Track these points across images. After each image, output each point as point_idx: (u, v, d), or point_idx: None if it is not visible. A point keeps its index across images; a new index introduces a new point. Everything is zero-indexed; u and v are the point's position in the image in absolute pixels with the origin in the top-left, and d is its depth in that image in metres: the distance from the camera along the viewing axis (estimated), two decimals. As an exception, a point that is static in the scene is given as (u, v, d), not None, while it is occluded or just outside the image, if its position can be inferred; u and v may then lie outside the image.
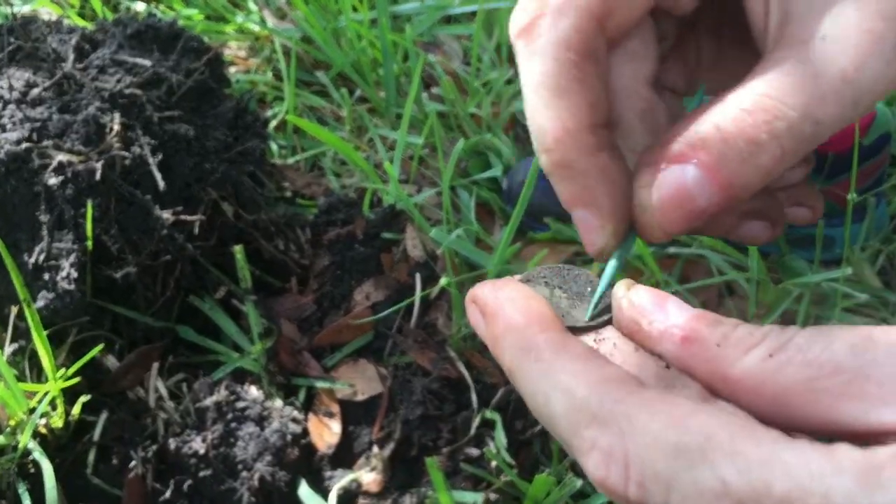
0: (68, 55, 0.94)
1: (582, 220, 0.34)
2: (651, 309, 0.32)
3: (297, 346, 0.94)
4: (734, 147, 0.31)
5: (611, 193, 0.33)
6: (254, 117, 1.03)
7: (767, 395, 0.28)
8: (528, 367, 0.30)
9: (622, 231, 0.34)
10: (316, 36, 1.22)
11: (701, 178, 0.31)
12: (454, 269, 0.97)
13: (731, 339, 0.29)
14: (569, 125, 0.33)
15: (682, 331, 0.31)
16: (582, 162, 0.33)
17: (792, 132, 0.31)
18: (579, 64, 0.33)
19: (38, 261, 0.83)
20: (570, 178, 0.33)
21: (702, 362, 0.30)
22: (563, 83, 0.33)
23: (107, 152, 0.86)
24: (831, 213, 0.98)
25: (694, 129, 0.32)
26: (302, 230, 1.04)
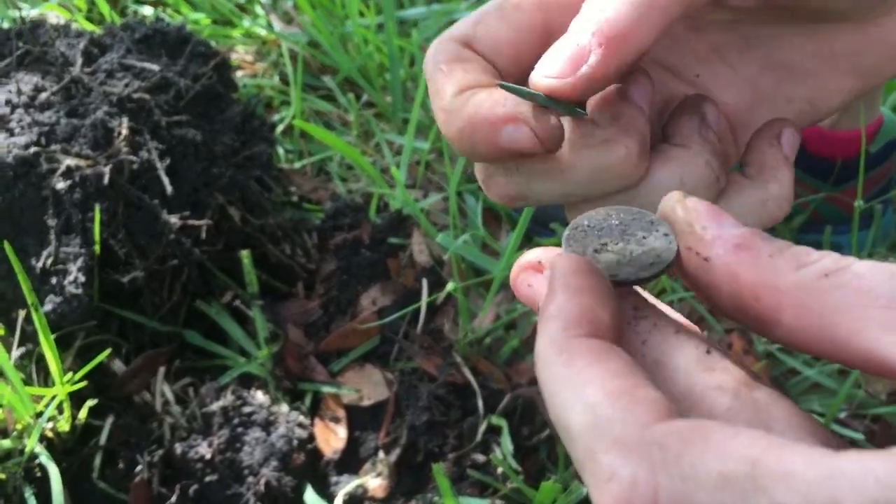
0: (76, 59, 0.94)
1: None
2: (707, 215, 0.31)
3: (304, 350, 0.94)
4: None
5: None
6: (261, 122, 1.03)
7: (815, 312, 0.27)
8: (555, 370, 0.28)
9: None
10: (323, 40, 1.22)
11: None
12: (461, 274, 0.97)
13: (785, 254, 0.29)
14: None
15: (737, 238, 0.30)
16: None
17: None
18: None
19: (45, 265, 0.83)
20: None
21: (751, 269, 0.29)
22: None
23: (115, 157, 0.86)
24: (839, 221, 0.97)
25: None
26: (308, 235, 1.04)
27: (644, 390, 0.27)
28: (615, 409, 0.26)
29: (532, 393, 0.89)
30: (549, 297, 0.30)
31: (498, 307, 0.96)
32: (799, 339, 0.28)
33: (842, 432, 0.81)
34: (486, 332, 0.92)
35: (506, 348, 0.92)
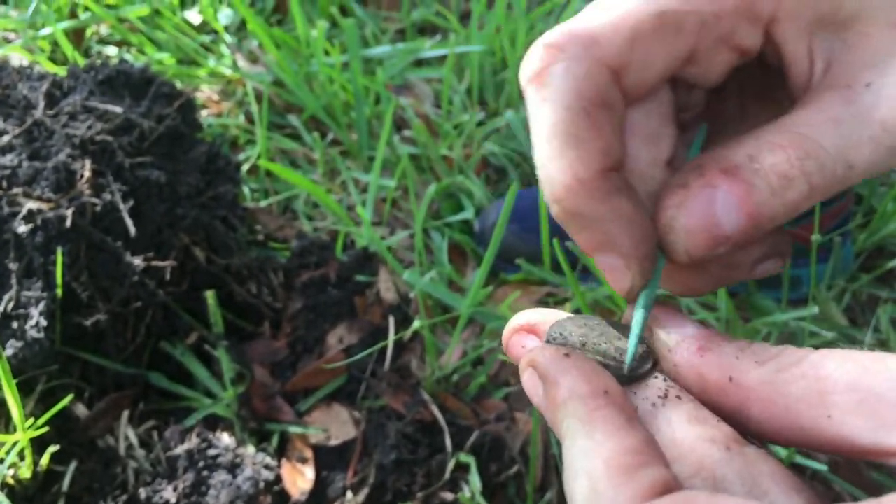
0: (39, 102, 0.94)
1: (605, 265, 0.33)
2: (667, 321, 0.33)
3: (270, 391, 0.94)
4: (765, 179, 0.31)
5: (629, 234, 0.33)
6: (226, 162, 1.03)
7: (780, 406, 0.29)
8: (578, 440, 0.29)
9: (647, 269, 0.33)
10: (288, 80, 1.23)
11: (729, 204, 0.31)
12: (427, 311, 0.98)
13: (746, 352, 0.31)
14: (580, 174, 0.32)
15: (700, 341, 0.32)
16: (596, 209, 0.32)
17: (823, 172, 0.31)
18: (592, 112, 0.32)
19: (6, 309, 0.82)
20: (585, 225, 0.33)
21: (716, 369, 0.31)
22: (573, 131, 0.32)
23: (77, 199, 0.86)
24: (798, 254, 0.99)
25: (726, 156, 0.32)
26: (275, 273, 1.04)
27: (645, 470, 0.28)
28: (610, 486, 0.27)
29: (500, 429, 0.89)
30: (552, 386, 0.31)
31: (465, 344, 0.96)
32: (769, 431, 0.29)
33: (804, 463, 0.82)
34: (453, 368, 0.92)
35: (473, 385, 0.92)
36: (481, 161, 1.20)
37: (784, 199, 0.31)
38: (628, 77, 0.33)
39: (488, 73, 1.31)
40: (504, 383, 0.94)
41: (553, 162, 0.32)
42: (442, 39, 1.41)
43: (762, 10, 0.34)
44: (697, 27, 0.34)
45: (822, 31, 0.34)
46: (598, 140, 0.32)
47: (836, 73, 0.33)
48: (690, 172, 0.33)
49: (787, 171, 0.31)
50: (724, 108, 0.40)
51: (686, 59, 0.35)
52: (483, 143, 1.22)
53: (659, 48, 0.33)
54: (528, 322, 0.36)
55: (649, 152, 0.36)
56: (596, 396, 0.30)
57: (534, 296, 1.03)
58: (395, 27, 1.47)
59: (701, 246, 0.32)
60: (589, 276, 1.02)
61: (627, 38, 0.33)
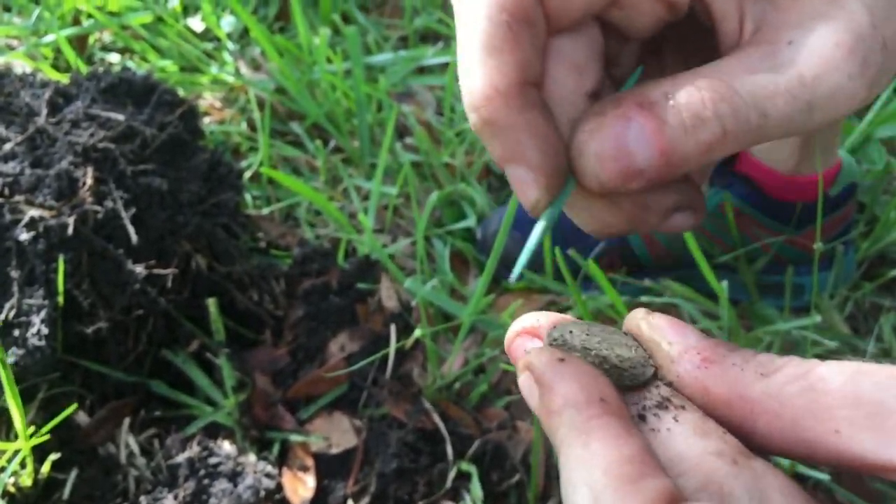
0: (41, 109, 0.94)
1: (514, 176, 0.34)
2: (670, 331, 0.33)
3: (272, 399, 0.93)
4: (678, 116, 0.31)
5: (540, 147, 0.33)
6: (228, 169, 1.03)
7: (786, 419, 0.29)
8: (574, 452, 0.29)
9: (554, 185, 0.34)
10: (290, 87, 1.23)
11: (642, 137, 0.32)
12: (429, 319, 0.97)
13: (751, 363, 0.30)
14: (497, 83, 0.32)
15: (703, 352, 0.32)
16: (510, 119, 0.33)
17: (737, 117, 0.32)
18: (512, 26, 0.33)
19: (8, 317, 0.82)
20: (499, 134, 0.33)
21: (720, 381, 0.31)
22: (494, 42, 0.33)
23: (79, 206, 0.86)
24: (800, 261, 0.99)
25: (644, 91, 0.32)
26: (276, 281, 1.04)
27: (647, 481, 0.27)
28: (615, 497, 0.27)
29: (501, 438, 0.89)
30: (547, 392, 0.31)
31: (466, 352, 0.96)
32: (774, 445, 0.29)
33: (807, 473, 0.82)
34: (454, 377, 0.92)
35: (475, 393, 0.92)
36: (483, 169, 1.20)
37: (697, 139, 0.32)
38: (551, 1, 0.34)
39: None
40: (505, 392, 0.94)
41: (473, 71, 0.33)
42: (444, 47, 1.41)
43: None
44: None
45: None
46: (517, 53, 0.33)
47: (762, 32, 0.34)
48: (608, 103, 0.33)
49: (700, 111, 0.31)
50: (661, 67, 0.41)
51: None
52: (485, 150, 1.22)
53: None
54: (532, 325, 0.36)
55: (573, 81, 0.37)
56: (591, 404, 0.30)
57: (536, 304, 1.02)
58: (397, 34, 1.47)
59: (610, 174, 0.32)
60: (591, 285, 1.01)
61: None
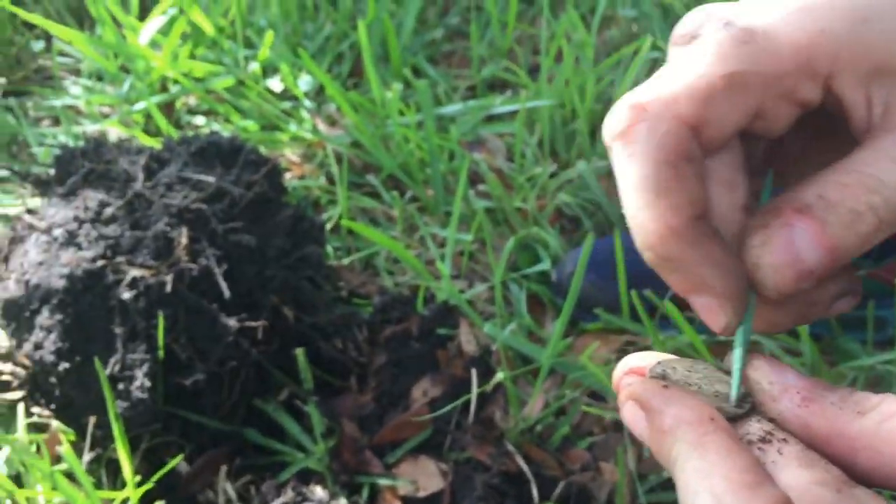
0: (138, 175, 1.00)
1: (700, 304, 0.36)
2: (771, 371, 0.35)
3: (359, 444, 0.96)
4: (836, 214, 0.34)
5: (720, 276, 0.35)
6: (311, 223, 1.08)
7: (885, 454, 0.31)
8: (692, 464, 0.31)
9: (740, 306, 0.36)
10: (365, 141, 1.28)
11: (809, 240, 0.34)
12: (508, 362, 0.99)
13: (848, 401, 0.33)
14: (670, 222, 0.34)
15: (802, 391, 0.34)
16: (687, 253, 0.35)
17: (888, 206, 0.34)
18: (677, 165, 0.35)
19: (113, 371, 0.87)
20: (679, 269, 0.35)
21: (820, 419, 0.33)
22: (663, 183, 0.35)
23: (176, 265, 0.91)
24: (882, 294, 0.98)
25: (798, 197, 0.35)
26: (359, 329, 1.07)
27: (766, 488, 0.30)
28: (736, 499, 0.29)
29: (585, 479, 0.90)
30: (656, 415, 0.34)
31: (546, 394, 0.98)
32: (875, 478, 0.31)
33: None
34: (536, 419, 0.94)
35: (556, 435, 0.93)
36: (555, 212, 1.23)
37: (857, 232, 0.34)
38: (705, 132, 0.36)
39: (559, 126, 1.34)
40: (588, 433, 0.95)
41: (644, 212, 0.35)
42: (512, 94, 1.44)
43: (820, 68, 0.36)
44: (762, 86, 0.36)
45: (879, 78, 0.36)
46: (684, 190, 0.35)
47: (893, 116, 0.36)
48: (768, 213, 0.36)
49: (854, 207, 0.34)
50: (788, 151, 0.42)
51: (754, 114, 0.37)
52: (556, 194, 1.24)
53: (729, 106, 0.36)
54: (637, 365, 0.38)
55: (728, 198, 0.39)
56: (703, 422, 0.32)
57: (613, 345, 1.04)
58: (465, 84, 1.52)
59: (788, 281, 0.35)
60: (668, 325, 1.02)
61: (702, 97, 0.36)
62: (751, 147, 0.41)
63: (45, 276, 0.91)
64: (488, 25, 1.62)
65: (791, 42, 0.36)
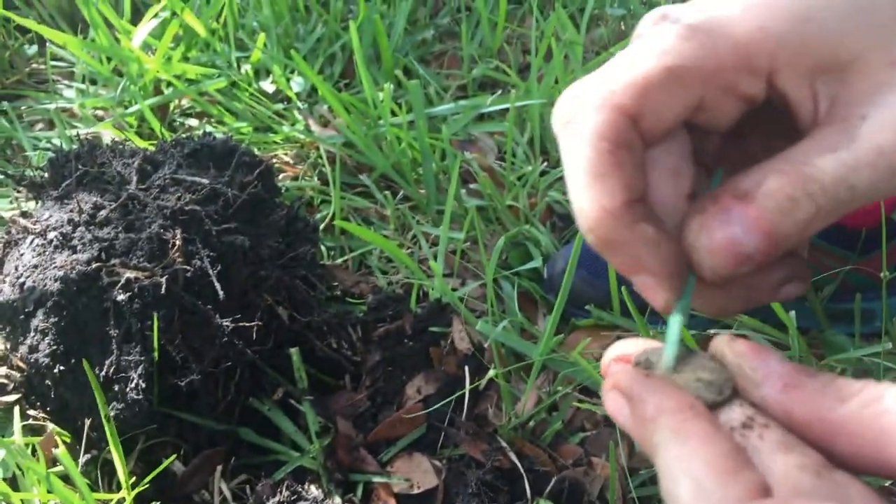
0: (132, 177, 1.01)
1: (640, 283, 0.38)
2: (753, 357, 0.36)
3: (354, 442, 0.97)
4: (774, 201, 0.34)
5: (657, 255, 0.37)
6: (304, 223, 1.08)
7: (866, 439, 0.31)
8: (672, 449, 0.32)
9: (677, 285, 0.37)
10: (358, 141, 1.29)
11: (745, 224, 0.35)
12: (501, 359, 1.00)
13: (830, 388, 0.33)
14: (606, 205, 0.36)
15: (784, 377, 0.34)
16: (624, 235, 0.36)
17: (826, 194, 0.35)
18: (614, 151, 0.36)
19: (108, 373, 0.88)
20: (617, 250, 0.37)
21: (801, 405, 0.33)
22: (599, 168, 0.36)
23: (170, 267, 0.92)
24: (869, 287, 0.99)
25: (737, 184, 0.36)
26: (353, 328, 1.08)
27: (746, 473, 0.31)
28: (717, 484, 0.30)
29: (578, 474, 0.90)
30: (638, 404, 0.35)
31: (539, 390, 0.99)
32: (854, 464, 0.32)
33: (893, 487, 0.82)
34: (529, 415, 0.95)
35: (549, 431, 0.94)
36: (546, 210, 1.24)
37: (795, 219, 0.35)
38: (644, 122, 0.38)
39: (549, 124, 1.34)
40: (580, 428, 0.96)
41: (583, 195, 0.37)
42: (502, 94, 1.45)
43: (760, 64, 0.38)
44: (701, 80, 0.38)
45: (823, 74, 0.37)
46: (620, 175, 0.36)
47: (836, 109, 0.37)
48: (707, 199, 0.37)
49: (792, 194, 0.34)
50: (742, 147, 0.44)
51: (695, 107, 0.39)
52: (547, 192, 1.25)
53: (668, 98, 0.38)
54: (624, 352, 0.39)
55: (672, 186, 0.41)
56: (683, 410, 0.33)
57: (605, 340, 1.05)
58: (456, 83, 1.52)
59: (725, 264, 0.36)
60: (659, 320, 1.03)
61: (640, 88, 0.37)
62: (702, 140, 0.42)
63: (39, 278, 0.91)
64: (478, 25, 1.63)
65: (731, 38, 0.37)
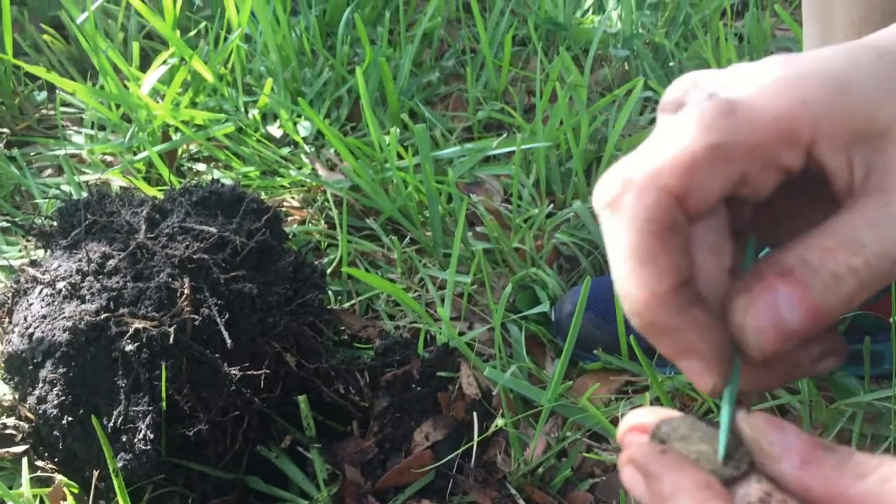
0: (140, 226, 1.02)
1: (687, 368, 0.37)
2: (770, 431, 0.35)
3: (362, 490, 0.97)
4: (817, 278, 0.35)
5: (706, 339, 0.36)
6: (312, 269, 1.09)
7: None
8: None
9: (725, 368, 0.37)
10: (364, 185, 1.30)
11: (791, 302, 0.35)
12: (509, 403, 1.00)
13: (848, 463, 0.33)
14: (656, 290, 0.36)
15: (802, 453, 0.34)
16: (673, 320, 0.36)
17: (869, 268, 0.35)
18: (661, 234, 0.36)
19: (116, 423, 0.88)
20: (665, 335, 0.37)
21: (820, 482, 0.33)
22: (647, 252, 0.36)
23: (178, 316, 0.92)
24: (878, 329, 0.99)
25: (780, 261, 0.36)
26: (360, 374, 1.08)
27: None
28: None
29: (587, 522, 0.90)
30: (655, 481, 0.35)
31: (548, 436, 0.98)
32: None
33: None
34: (538, 462, 0.94)
35: (559, 478, 0.94)
36: (553, 252, 1.24)
37: (839, 294, 0.35)
38: (689, 201, 0.37)
39: (554, 166, 1.35)
40: (589, 475, 0.95)
41: (630, 279, 0.36)
42: (507, 135, 1.46)
43: (801, 136, 0.38)
44: (744, 156, 0.37)
45: (859, 143, 0.37)
46: (669, 259, 0.36)
47: (873, 179, 0.37)
48: (751, 278, 0.37)
49: (835, 270, 0.35)
50: (775, 212, 0.44)
51: (738, 181, 0.38)
52: (553, 233, 1.25)
53: (713, 175, 0.37)
54: (641, 422, 0.39)
55: (713, 263, 0.40)
56: (700, 489, 0.33)
57: (613, 385, 1.04)
58: (462, 125, 1.54)
59: (771, 343, 0.35)
60: (666, 364, 1.03)
61: (686, 168, 0.37)
62: (736, 210, 0.42)
63: (48, 329, 0.92)
64: (483, 67, 1.64)
65: (772, 112, 0.37)
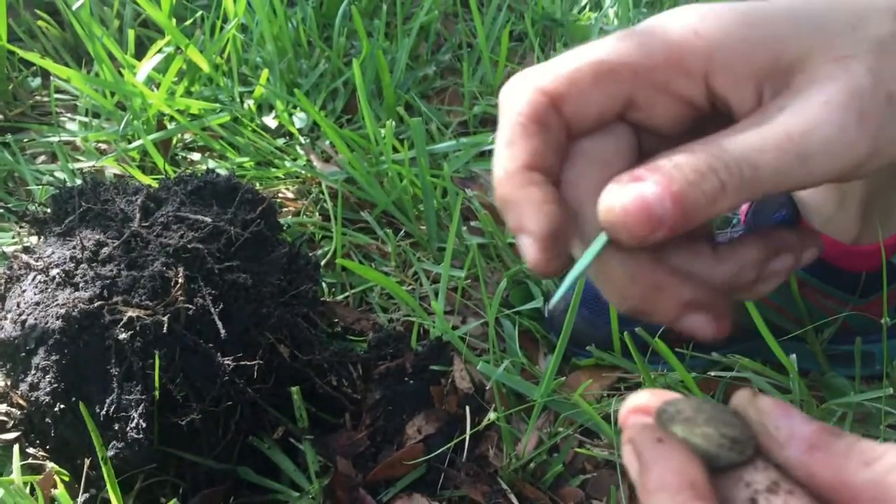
0: (135, 214, 1.01)
1: (519, 242, 0.41)
2: (777, 415, 0.35)
3: (353, 482, 0.97)
4: (682, 172, 0.37)
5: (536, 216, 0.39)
6: (306, 261, 1.09)
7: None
8: None
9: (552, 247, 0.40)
10: (359, 178, 1.30)
11: (656, 190, 0.36)
12: (502, 398, 1.00)
13: (854, 450, 0.33)
14: (507, 167, 0.41)
15: (809, 438, 0.34)
16: (514, 195, 0.40)
17: (730, 170, 0.37)
18: (525, 125, 0.41)
19: (108, 412, 0.88)
20: (507, 209, 0.41)
21: (825, 468, 0.33)
22: (509, 137, 0.41)
23: (172, 305, 0.92)
24: (869, 329, 1.00)
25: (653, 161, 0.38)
26: (353, 366, 1.08)
27: None
28: None
29: (578, 517, 0.90)
30: (644, 471, 0.34)
31: (540, 431, 0.98)
32: None
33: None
34: (529, 457, 0.94)
35: (550, 473, 0.94)
36: (547, 247, 1.24)
37: (701, 190, 0.37)
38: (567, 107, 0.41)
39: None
40: (580, 470, 0.96)
41: (495, 159, 0.42)
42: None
43: (694, 66, 0.40)
44: (631, 76, 0.41)
45: (769, 78, 0.39)
46: (524, 144, 0.41)
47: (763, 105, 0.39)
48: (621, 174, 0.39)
49: (697, 167, 0.37)
50: None
51: (626, 102, 0.42)
52: (548, 229, 1.25)
53: (594, 89, 0.41)
54: (644, 403, 0.39)
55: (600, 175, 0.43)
56: (682, 490, 0.33)
57: (606, 381, 1.05)
58: (458, 120, 1.54)
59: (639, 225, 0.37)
60: (659, 361, 1.03)
61: (564, 76, 0.41)
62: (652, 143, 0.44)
63: (41, 316, 0.91)
64: (479, 62, 1.64)
65: (664, 39, 0.40)
